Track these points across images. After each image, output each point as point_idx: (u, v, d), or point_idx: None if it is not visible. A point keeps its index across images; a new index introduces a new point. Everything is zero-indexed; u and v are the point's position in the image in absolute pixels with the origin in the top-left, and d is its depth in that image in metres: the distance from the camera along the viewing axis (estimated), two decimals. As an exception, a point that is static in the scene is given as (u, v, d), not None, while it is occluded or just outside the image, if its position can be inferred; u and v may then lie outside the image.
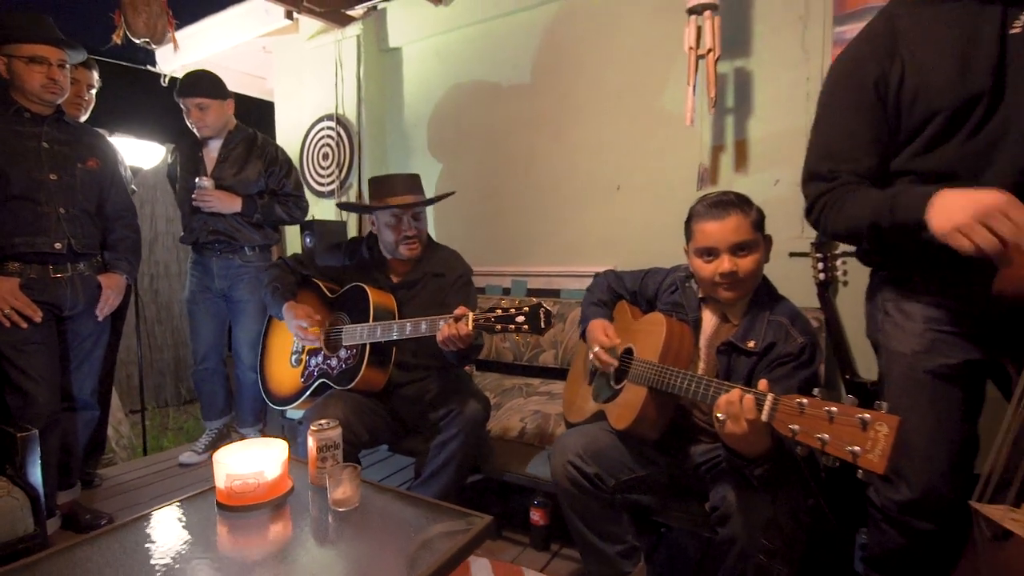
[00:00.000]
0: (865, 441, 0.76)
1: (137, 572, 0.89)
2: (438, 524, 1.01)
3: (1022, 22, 0.91)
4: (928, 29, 0.97)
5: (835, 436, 0.79)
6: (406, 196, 1.66)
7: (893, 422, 0.75)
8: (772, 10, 1.99)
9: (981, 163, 0.95)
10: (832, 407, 0.81)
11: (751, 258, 1.18)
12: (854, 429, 0.77)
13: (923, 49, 0.97)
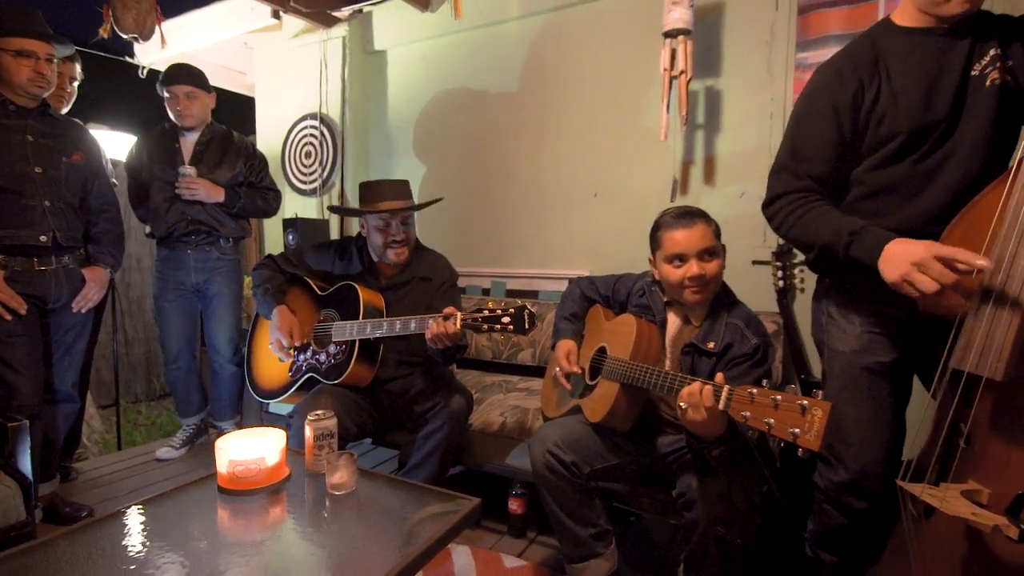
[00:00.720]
0: (803, 423, 0.89)
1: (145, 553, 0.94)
2: (429, 506, 1.10)
3: (982, 65, 1.05)
4: (906, 57, 1.09)
5: (779, 420, 0.92)
6: (395, 201, 1.74)
7: (826, 407, 0.87)
8: (741, 35, 2.14)
9: (923, 183, 1.09)
10: (777, 396, 0.94)
11: (715, 262, 1.31)
12: (795, 414, 0.90)
13: (899, 75, 1.09)
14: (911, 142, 1.07)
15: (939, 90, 1.05)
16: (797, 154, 1.16)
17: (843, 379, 1.16)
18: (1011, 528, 0.81)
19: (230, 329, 2.50)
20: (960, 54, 1.05)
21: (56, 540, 0.96)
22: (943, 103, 1.05)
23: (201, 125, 2.38)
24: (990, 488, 0.90)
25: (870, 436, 1.12)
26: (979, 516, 0.84)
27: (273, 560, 0.96)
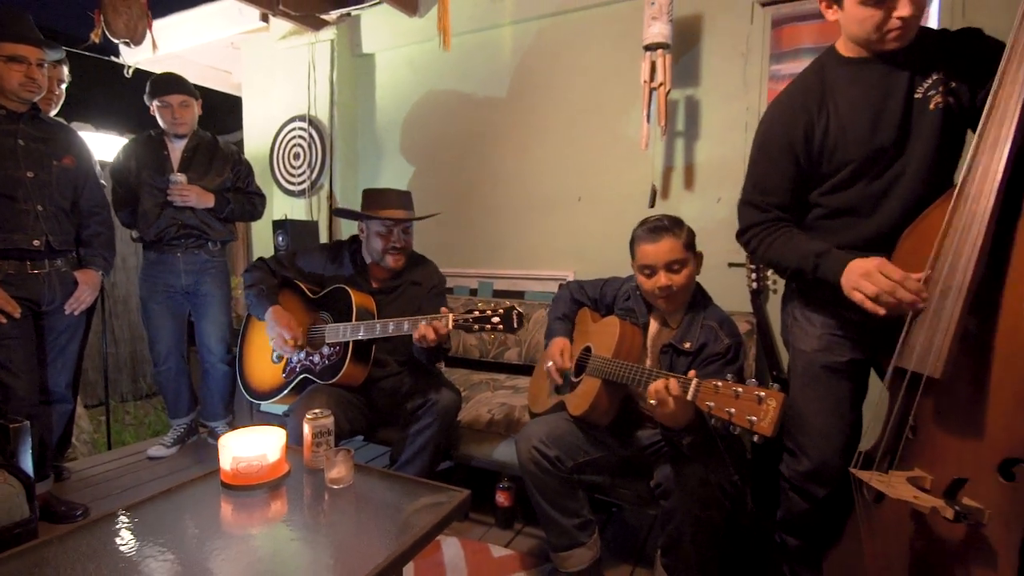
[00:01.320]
0: (759, 412, 0.98)
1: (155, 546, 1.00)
2: (422, 498, 1.17)
3: (924, 88, 1.13)
4: (851, 87, 1.17)
5: (739, 409, 1.01)
6: (399, 211, 1.80)
7: (780, 397, 0.97)
8: (718, 47, 2.24)
9: (877, 203, 1.18)
10: (738, 387, 1.03)
11: (683, 273, 1.40)
12: (753, 403, 0.99)
13: (845, 106, 1.17)
14: (862, 167, 1.16)
15: (885, 116, 1.13)
16: (759, 187, 1.25)
17: (805, 376, 1.26)
18: (947, 509, 0.91)
19: (221, 328, 2.53)
20: (903, 79, 1.13)
21: (71, 535, 1.01)
22: (889, 129, 1.13)
23: (190, 133, 2.41)
24: (932, 474, 1.00)
25: (829, 428, 1.22)
26: (920, 499, 0.93)
27: (276, 550, 1.02)
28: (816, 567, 1.35)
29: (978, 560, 0.91)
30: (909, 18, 1.04)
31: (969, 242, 0.90)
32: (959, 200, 0.95)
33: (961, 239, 0.92)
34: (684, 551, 1.31)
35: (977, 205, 0.91)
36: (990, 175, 0.90)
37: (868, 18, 1.07)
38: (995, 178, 0.89)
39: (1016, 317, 0.87)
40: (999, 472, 0.88)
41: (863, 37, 1.12)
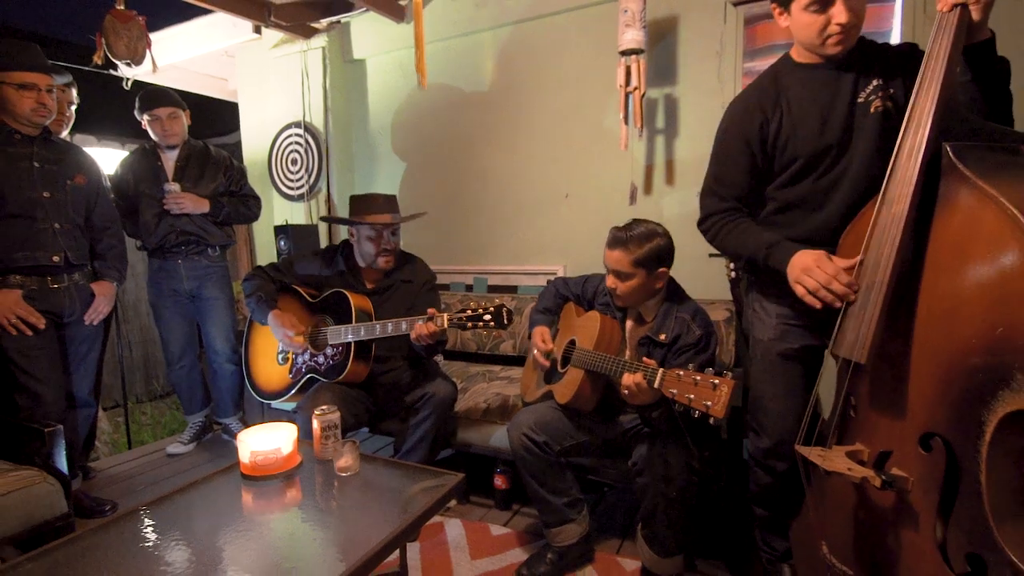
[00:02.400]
0: (713, 397, 1.11)
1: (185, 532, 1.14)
2: (422, 482, 1.31)
3: (866, 92, 1.24)
4: (802, 89, 1.28)
5: (697, 395, 1.14)
6: (385, 215, 1.92)
7: (731, 384, 1.09)
8: (694, 46, 2.33)
9: (824, 198, 1.29)
10: (696, 376, 1.16)
11: (626, 284, 1.52)
12: (708, 390, 1.12)
13: (797, 107, 1.28)
14: (810, 164, 1.27)
15: (831, 118, 1.24)
16: (719, 180, 1.36)
17: (763, 363, 1.39)
18: (876, 479, 1.03)
19: (226, 330, 2.67)
20: (847, 84, 1.23)
21: (112, 524, 1.15)
22: (835, 129, 1.24)
23: (181, 142, 2.52)
24: (869, 448, 1.12)
25: (785, 409, 1.35)
26: (853, 471, 1.06)
27: (293, 532, 1.16)
28: (783, 534, 1.49)
29: (904, 522, 1.04)
30: (847, 25, 1.15)
31: (888, 242, 1.02)
32: (882, 204, 1.06)
33: (882, 239, 1.03)
34: (658, 522, 1.46)
35: (895, 208, 1.02)
36: (906, 180, 1.01)
37: (811, 24, 1.18)
38: (910, 183, 1.00)
39: (932, 309, 0.99)
40: (919, 444, 1.00)
41: (808, 42, 1.23)
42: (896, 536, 1.06)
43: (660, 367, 1.27)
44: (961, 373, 0.93)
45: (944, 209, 0.99)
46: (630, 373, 1.32)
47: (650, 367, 1.29)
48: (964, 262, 0.93)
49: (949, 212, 0.98)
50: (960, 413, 0.94)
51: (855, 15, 1.15)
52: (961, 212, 0.96)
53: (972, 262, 0.92)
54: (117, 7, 2.21)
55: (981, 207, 0.92)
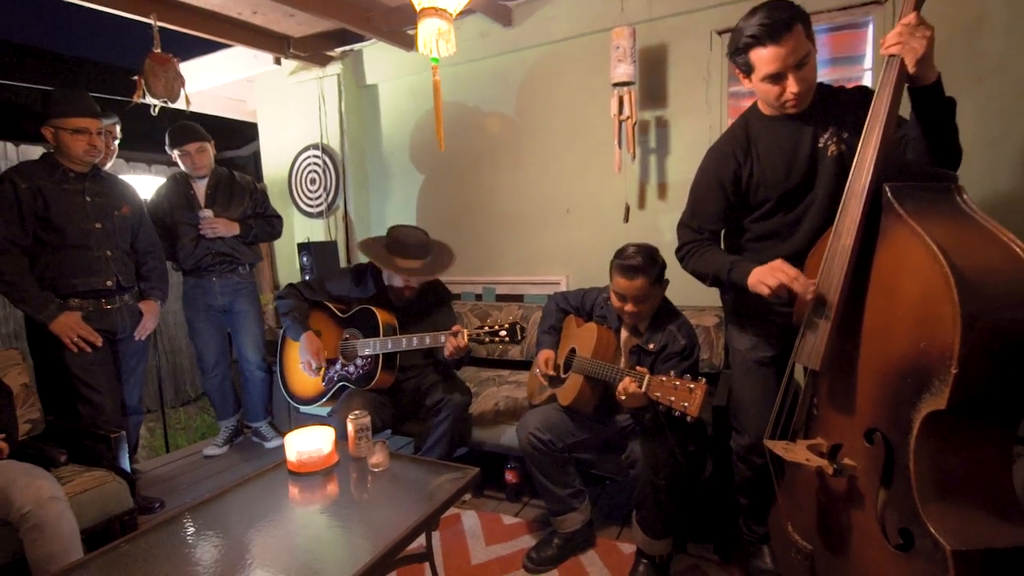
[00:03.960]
0: (690, 398, 1.31)
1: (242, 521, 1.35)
2: (443, 476, 1.51)
3: (824, 138, 1.41)
4: (770, 138, 1.46)
5: (677, 397, 1.34)
6: (416, 262, 2.08)
7: (704, 387, 1.29)
8: (682, 72, 2.52)
9: (791, 230, 1.48)
10: (676, 381, 1.35)
11: (647, 304, 1.70)
12: (686, 392, 1.31)
13: (765, 153, 1.46)
14: (780, 202, 1.45)
15: (796, 162, 1.42)
16: (696, 215, 1.56)
17: (741, 369, 1.58)
18: (829, 467, 1.22)
19: (257, 339, 2.90)
20: (808, 132, 1.41)
21: (179, 517, 1.36)
22: (799, 172, 1.42)
23: (209, 172, 2.74)
24: (827, 441, 1.31)
25: (761, 410, 1.53)
26: (811, 461, 1.25)
27: (334, 519, 1.37)
28: (763, 520, 1.68)
29: (853, 503, 1.22)
30: (799, 92, 1.33)
31: (838, 269, 1.20)
32: (834, 236, 1.24)
33: (834, 266, 1.22)
34: (649, 508, 1.65)
35: (844, 241, 1.20)
36: (852, 218, 1.19)
37: (770, 91, 1.36)
38: (855, 221, 1.18)
39: (873, 325, 1.17)
40: (864, 438, 1.19)
41: (769, 103, 1.41)
42: (847, 515, 1.24)
43: (648, 373, 1.47)
44: (895, 379, 1.12)
45: (884, 242, 1.17)
46: (630, 379, 1.51)
47: (640, 373, 1.49)
48: (897, 287, 1.12)
49: (887, 244, 1.16)
50: (895, 412, 1.12)
51: (806, 83, 1.33)
52: (896, 245, 1.14)
53: (903, 288, 1.10)
54: (155, 51, 2.43)
55: (910, 242, 1.10)
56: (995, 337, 0.97)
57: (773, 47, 1.28)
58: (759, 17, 1.29)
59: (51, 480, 1.52)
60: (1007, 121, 1.99)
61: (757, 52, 1.31)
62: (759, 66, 1.33)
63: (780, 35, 1.27)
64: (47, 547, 1.43)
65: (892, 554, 1.11)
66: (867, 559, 1.19)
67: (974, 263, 1.01)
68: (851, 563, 1.23)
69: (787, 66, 1.29)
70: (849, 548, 1.24)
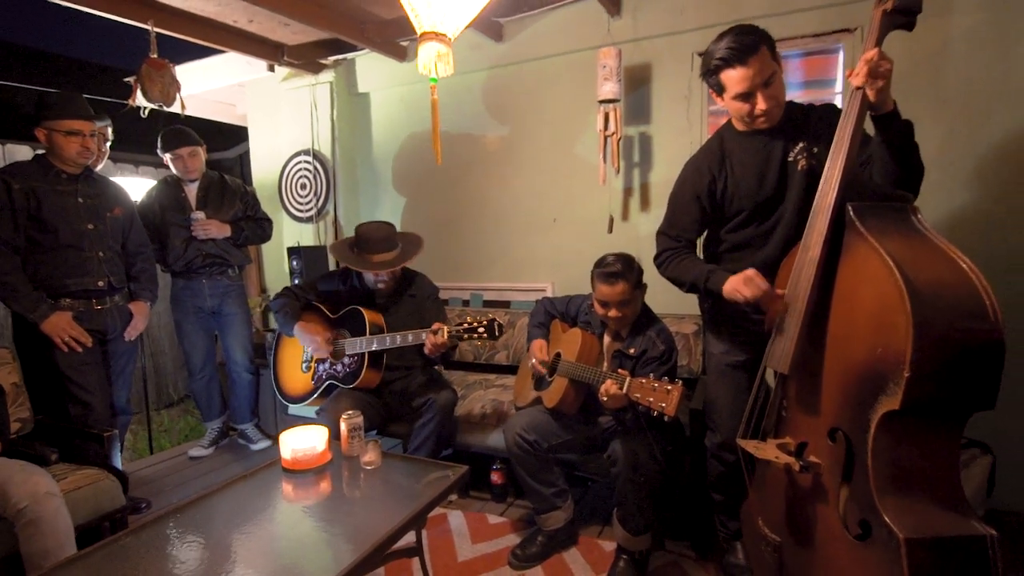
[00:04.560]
0: (667, 399, 1.40)
1: (238, 517, 1.39)
2: (433, 474, 1.57)
3: (794, 153, 1.52)
4: (743, 153, 1.56)
5: (655, 398, 1.43)
6: (386, 254, 2.16)
7: (680, 388, 1.38)
8: (665, 90, 2.63)
9: (765, 239, 1.58)
10: (655, 383, 1.44)
11: (629, 308, 1.79)
12: (663, 393, 1.40)
13: (739, 167, 1.56)
14: (753, 214, 1.55)
15: (767, 175, 1.52)
16: (673, 224, 1.65)
17: (715, 372, 1.68)
18: (796, 464, 1.31)
19: (244, 341, 2.92)
20: (779, 147, 1.51)
21: (176, 513, 1.40)
22: (770, 184, 1.52)
23: (201, 175, 2.77)
24: (794, 440, 1.41)
25: (733, 410, 1.62)
26: (779, 458, 1.34)
27: (328, 514, 1.42)
28: (736, 516, 1.77)
29: (818, 497, 1.31)
30: (768, 109, 1.43)
31: (805, 279, 1.30)
32: (802, 249, 1.34)
33: (802, 276, 1.32)
34: (629, 506, 1.73)
35: (811, 253, 1.30)
36: (818, 232, 1.29)
37: (740, 108, 1.47)
38: (821, 235, 1.28)
39: (836, 332, 1.27)
40: (828, 436, 1.28)
41: (740, 119, 1.52)
42: (812, 509, 1.34)
43: (629, 376, 1.55)
44: (855, 381, 1.22)
45: (846, 256, 1.27)
46: (611, 381, 1.59)
47: (621, 376, 1.57)
48: (858, 297, 1.22)
49: (849, 258, 1.26)
50: (855, 412, 1.22)
51: (774, 100, 1.43)
52: (857, 259, 1.24)
53: (863, 298, 1.21)
54: (151, 56, 2.46)
55: (869, 256, 1.20)
56: (943, 344, 1.08)
57: (741, 68, 1.39)
58: (727, 41, 1.40)
59: (48, 477, 1.54)
60: (966, 143, 2.14)
61: (727, 73, 1.42)
62: (729, 86, 1.43)
63: (747, 57, 1.37)
64: (42, 542, 1.45)
65: (852, 543, 1.21)
66: (830, 549, 1.28)
67: (925, 277, 1.11)
68: (815, 553, 1.33)
69: (755, 85, 1.40)
70: (814, 539, 1.33)
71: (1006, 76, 2.08)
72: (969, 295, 1.10)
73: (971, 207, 2.16)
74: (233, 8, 2.60)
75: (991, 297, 1.09)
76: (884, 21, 1.22)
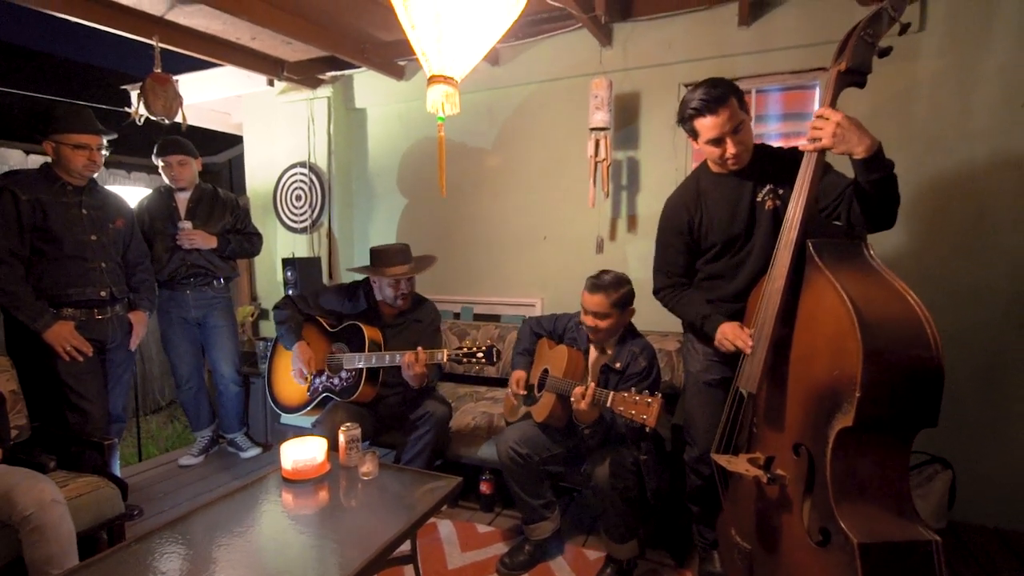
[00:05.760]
0: (647, 411, 1.52)
1: (241, 525, 1.46)
2: (427, 484, 1.65)
3: (762, 193, 1.65)
4: (716, 192, 1.69)
5: (636, 411, 1.54)
6: (402, 267, 2.25)
7: (659, 401, 1.50)
8: (652, 118, 2.77)
9: (735, 272, 1.70)
10: (636, 396, 1.55)
11: (604, 322, 1.90)
12: (644, 406, 1.52)
13: (712, 205, 1.70)
14: (724, 248, 1.69)
15: (737, 213, 1.66)
16: (665, 262, 1.80)
17: (693, 389, 1.80)
18: (764, 476, 1.43)
19: (231, 354, 2.97)
20: (748, 187, 1.65)
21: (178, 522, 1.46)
22: (740, 222, 1.66)
23: (192, 186, 2.83)
24: (764, 454, 1.52)
25: (709, 425, 1.73)
26: (749, 471, 1.46)
27: (328, 523, 1.49)
28: (713, 526, 1.88)
29: (784, 507, 1.43)
30: (736, 153, 1.57)
31: (771, 306, 1.43)
32: (768, 280, 1.47)
33: (768, 305, 1.44)
34: (611, 514, 1.84)
35: (775, 284, 1.42)
36: (781, 265, 1.42)
37: (712, 152, 1.61)
38: (783, 266, 1.41)
39: (799, 355, 1.39)
40: (792, 451, 1.40)
41: (714, 162, 1.65)
42: (779, 518, 1.45)
43: (612, 391, 1.67)
44: (815, 400, 1.34)
45: (807, 287, 1.40)
46: (580, 388, 1.71)
47: (602, 391, 1.69)
48: (817, 325, 1.35)
49: (809, 289, 1.39)
50: (815, 429, 1.34)
51: (742, 145, 1.58)
52: (816, 290, 1.37)
53: (821, 325, 1.33)
54: (156, 71, 2.53)
55: (826, 289, 1.32)
56: (890, 369, 1.20)
57: (712, 117, 1.53)
58: (700, 92, 1.55)
59: (52, 484, 1.59)
60: (930, 178, 2.31)
61: (700, 121, 1.56)
62: (702, 132, 1.57)
63: (717, 107, 1.52)
64: (47, 548, 1.50)
65: (814, 549, 1.32)
66: (795, 555, 1.40)
67: (874, 308, 1.24)
68: (781, 559, 1.44)
69: (724, 132, 1.55)
70: (780, 546, 1.45)
71: (966, 116, 2.25)
72: (913, 325, 1.23)
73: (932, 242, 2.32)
74: (237, 27, 2.69)
75: (932, 327, 1.23)
76: (839, 80, 1.36)
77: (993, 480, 2.26)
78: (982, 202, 2.25)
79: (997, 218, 2.23)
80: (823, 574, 1.29)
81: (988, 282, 2.24)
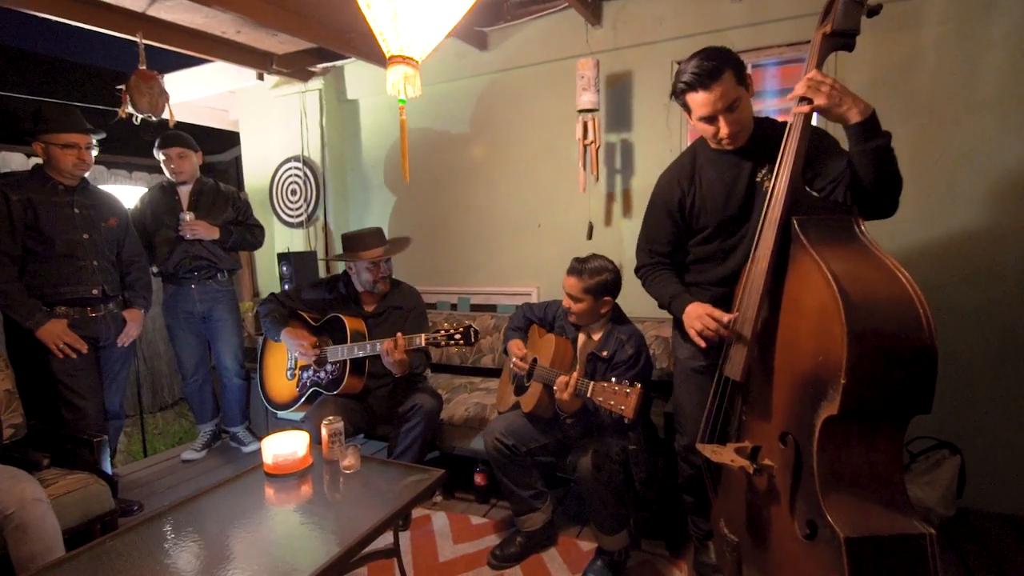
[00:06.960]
0: (626, 402, 1.47)
1: (220, 519, 1.45)
2: (411, 477, 1.63)
3: (762, 173, 1.55)
4: (713, 170, 1.60)
5: (616, 401, 1.50)
6: (377, 249, 2.24)
7: (638, 391, 1.45)
8: (645, 98, 2.68)
9: (727, 255, 1.62)
10: (616, 386, 1.51)
11: (577, 306, 1.87)
12: (623, 396, 1.47)
13: (707, 184, 1.60)
14: (717, 230, 1.60)
15: (734, 194, 1.56)
16: (648, 240, 1.72)
17: (681, 376, 1.74)
18: (750, 467, 1.37)
19: (234, 348, 2.98)
20: (747, 167, 1.55)
21: (160, 516, 1.46)
22: (736, 203, 1.56)
23: (192, 179, 2.83)
24: (752, 443, 1.47)
25: (697, 414, 1.67)
26: (735, 461, 1.40)
27: (308, 517, 1.48)
28: (707, 516, 1.83)
29: (772, 498, 1.37)
30: (730, 133, 1.47)
31: (755, 291, 1.36)
32: (752, 262, 1.40)
33: (752, 288, 1.38)
34: (598, 505, 1.80)
35: (760, 265, 1.35)
36: (765, 244, 1.35)
37: (705, 130, 1.52)
38: (768, 247, 1.34)
39: (784, 341, 1.32)
40: (780, 440, 1.34)
41: (708, 139, 1.57)
42: (768, 510, 1.40)
43: (593, 380, 1.62)
44: (801, 387, 1.27)
45: (792, 267, 1.33)
46: (563, 378, 1.68)
47: (584, 381, 1.64)
48: (802, 307, 1.28)
49: (795, 270, 1.32)
50: (801, 417, 1.28)
51: (738, 124, 1.46)
52: (801, 271, 1.29)
53: (806, 308, 1.26)
54: (140, 68, 2.52)
55: (811, 268, 1.25)
56: (876, 352, 1.13)
57: (704, 93, 1.42)
58: (693, 64, 1.43)
59: (34, 483, 1.61)
60: (936, 152, 2.19)
61: (691, 96, 1.46)
62: (694, 108, 1.48)
63: (710, 82, 1.40)
64: (30, 546, 1.52)
65: (802, 543, 1.27)
66: (783, 548, 1.34)
67: (861, 288, 1.17)
68: (769, 552, 1.39)
69: (717, 110, 1.43)
70: (768, 539, 1.40)
71: (973, 85, 2.13)
72: (903, 306, 1.16)
73: (943, 218, 2.21)
74: (221, 20, 2.66)
75: (925, 307, 1.15)
76: (824, 44, 1.28)
77: (1005, 465, 2.17)
78: (992, 175, 2.13)
79: (1008, 191, 2.11)
80: (812, 569, 1.24)
81: (999, 258, 2.13)
